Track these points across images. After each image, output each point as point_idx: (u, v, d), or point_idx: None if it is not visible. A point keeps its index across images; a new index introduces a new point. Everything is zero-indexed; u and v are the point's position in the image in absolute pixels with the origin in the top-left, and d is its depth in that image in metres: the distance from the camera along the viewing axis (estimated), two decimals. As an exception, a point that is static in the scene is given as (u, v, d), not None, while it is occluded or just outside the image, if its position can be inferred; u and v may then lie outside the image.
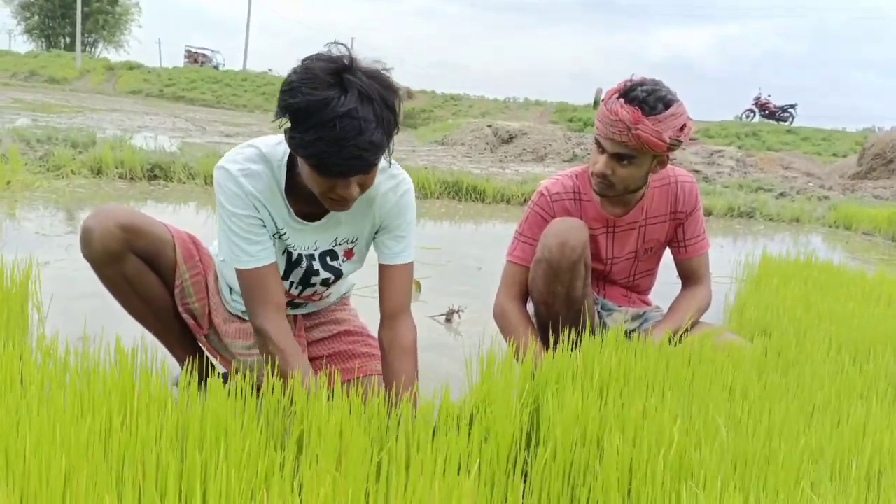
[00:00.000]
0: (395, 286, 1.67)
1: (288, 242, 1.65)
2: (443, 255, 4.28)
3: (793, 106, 25.81)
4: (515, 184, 7.74)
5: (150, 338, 1.83)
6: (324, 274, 1.73)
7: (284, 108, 1.36)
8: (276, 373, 1.50)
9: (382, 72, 1.38)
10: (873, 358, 1.89)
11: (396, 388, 1.57)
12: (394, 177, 1.65)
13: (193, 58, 39.49)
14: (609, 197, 2.09)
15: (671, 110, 1.90)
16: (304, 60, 1.38)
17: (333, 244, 1.70)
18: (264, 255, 1.58)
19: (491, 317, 2.20)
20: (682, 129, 1.92)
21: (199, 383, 1.42)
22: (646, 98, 1.90)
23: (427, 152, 13.77)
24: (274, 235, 1.63)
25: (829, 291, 2.87)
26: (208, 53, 40.13)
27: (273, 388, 1.38)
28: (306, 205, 1.60)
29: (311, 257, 1.70)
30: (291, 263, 1.70)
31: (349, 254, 1.74)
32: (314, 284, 1.75)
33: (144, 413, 1.22)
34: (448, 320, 2.91)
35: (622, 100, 1.92)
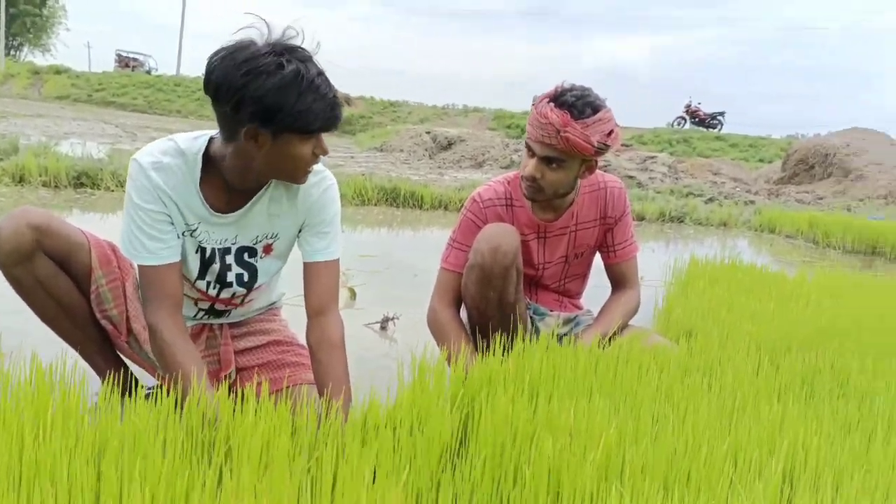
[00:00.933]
0: (320, 283, 1.67)
1: (200, 238, 1.65)
2: (379, 262, 4.26)
3: (721, 114, 26.67)
4: (453, 190, 7.78)
5: (71, 352, 1.76)
6: (237, 269, 1.72)
7: (260, 98, 1.40)
8: (165, 370, 1.56)
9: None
10: (790, 357, 1.96)
11: (328, 387, 1.57)
12: (317, 173, 1.67)
13: (125, 62, 38.38)
14: (539, 202, 2.12)
15: (599, 115, 1.95)
16: (234, 56, 1.42)
17: (254, 241, 1.70)
18: (166, 254, 1.58)
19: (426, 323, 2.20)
20: (609, 134, 1.97)
21: (122, 397, 1.38)
22: (574, 102, 1.94)
23: (365, 158, 13.72)
24: (184, 233, 1.62)
25: (752, 293, 2.97)
26: (140, 58, 39.07)
27: (198, 401, 1.35)
28: (224, 198, 1.62)
29: (226, 251, 1.69)
30: (205, 261, 1.69)
31: (268, 248, 1.73)
32: (230, 283, 1.74)
33: (59, 429, 1.18)
34: (383, 328, 2.90)
35: (552, 104, 1.95)
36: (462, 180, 9.88)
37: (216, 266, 1.69)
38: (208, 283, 1.72)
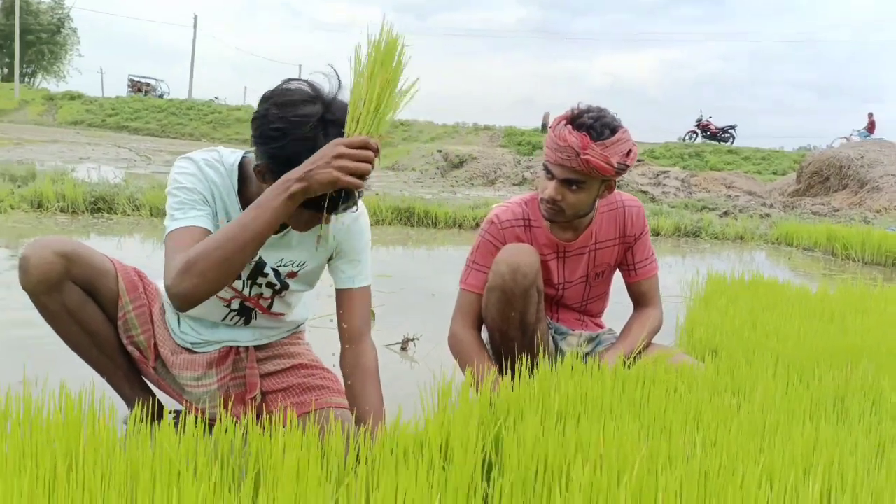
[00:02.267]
0: (354, 310, 1.68)
1: None
2: (396, 283, 4.26)
3: (733, 127, 26.61)
4: (467, 208, 7.78)
5: (98, 380, 1.77)
6: (272, 278, 1.73)
7: (276, 156, 1.41)
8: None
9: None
10: (818, 375, 1.94)
11: (363, 414, 1.58)
12: None
13: (137, 87, 38.83)
14: (559, 223, 2.12)
15: (617, 136, 1.94)
16: (283, 102, 1.41)
17: (278, 264, 1.71)
18: (201, 221, 1.52)
19: (447, 344, 2.19)
20: (628, 154, 1.97)
21: (150, 424, 1.38)
22: (593, 124, 1.93)
23: (378, 178, 13.78)
24: None
25: (775, 309, 2.94)
26: (152, 82, 39.51)
27: (226, 429, 1.35)
28: None
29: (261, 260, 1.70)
30: None
31: (292, 274, 1.74)
32: (260, 284, 1.74)
33: (91, 461, 1.18)
34: (403, 349, 2.89)
35: (570, 126, 1.95)
36: (475, 198, 9.89)
37: (251, 264, 1.69)
38: (242, 281, 1.73)
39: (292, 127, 1.39)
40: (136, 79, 39.53)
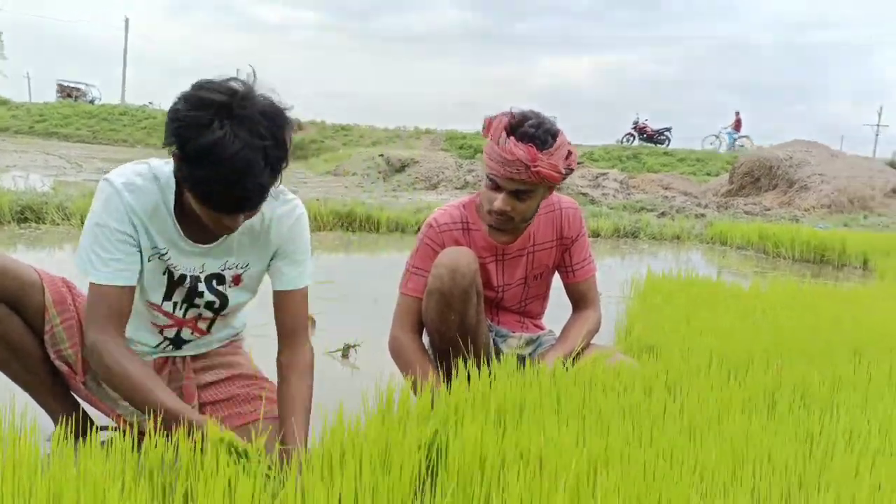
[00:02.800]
0: (292, 310, 1.66)
1: (169, 262, 1.60)
2: (338, 289, 4.22)
3: (668, 129, 27.23)
4: (409, 212, 7.76)
5: (21, 395, 1.69)
6: (209, 297, 1.68)
7: (174, 139, 1.36)
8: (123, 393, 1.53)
9: (276, 103, 1.39)
10: (751, 371, 1.99)
11: (288, 411, 1.57)
12: (287, 202, 1.65)
13: (66, 92, 37.47)
14: (507, 230, 2.11)
15: (559, 141, 1.95)
16: (195, 87, 1.37)
17: (222, 268, 1.67)
18: (122, 276, 1.52)
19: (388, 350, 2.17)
20: (568, 156, 1.98)
21: (77, 440, 1.33)
22: (536, 133, 1.92)
23: (318, 183, 13.65)
24: (152, 257, 1.58)
25: (710, 307, 3.01)
26: (82, 87, 38.19)
27: (156, 444, 1.30)
28: (198, 227, 1.56)
29: (197, 279, 1.66)
30: (174, 282, 1.64)
31: (237, 279, 1.70)
32: (198, 305, 1.70)
33: (10, 479, 1.12)
34: (345, 356, 2.86)
35: (513, 138, 1.93)
36: (417, 202, 9.88)
37: (183, 289, 1.65)
38: (175, 304, 1.68)
39: (193, 113, 1.33)
40: (66, 83, 38.15)
